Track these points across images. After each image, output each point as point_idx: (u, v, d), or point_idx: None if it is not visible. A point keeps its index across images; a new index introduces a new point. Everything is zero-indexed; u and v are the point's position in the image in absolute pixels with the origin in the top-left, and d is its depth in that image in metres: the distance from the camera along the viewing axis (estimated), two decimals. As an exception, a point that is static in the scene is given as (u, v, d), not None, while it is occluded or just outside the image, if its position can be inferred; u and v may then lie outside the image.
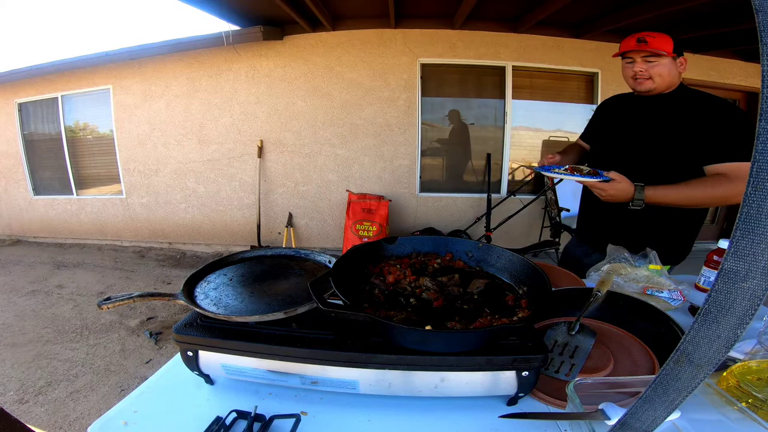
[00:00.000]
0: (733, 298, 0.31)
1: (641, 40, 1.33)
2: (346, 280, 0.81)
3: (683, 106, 1.37)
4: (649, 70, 1.35)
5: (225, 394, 0.78)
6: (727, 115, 1.28)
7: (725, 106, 1.31)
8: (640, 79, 1.37)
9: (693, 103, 1.36)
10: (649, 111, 1.43)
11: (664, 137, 1.37)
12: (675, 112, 1.37)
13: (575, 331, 0.88)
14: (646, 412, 0.39)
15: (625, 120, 1.51)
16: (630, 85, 1.45)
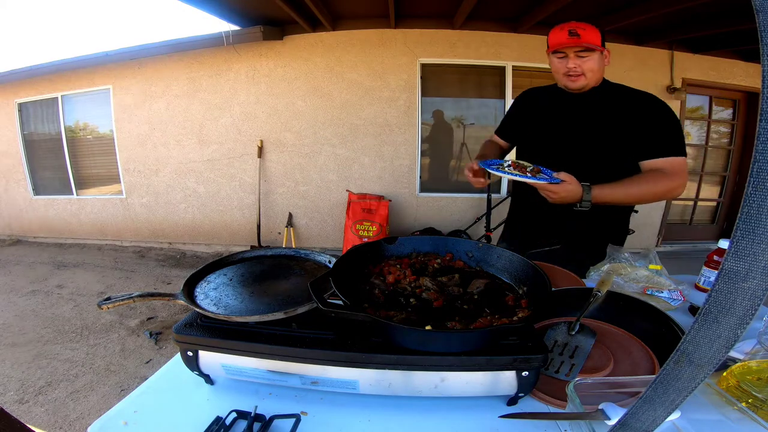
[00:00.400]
0: (734, 298, 0.31)
1: (573, 32, 1.26)
2: (346, 280, 0.81)
3: (611, 101, 1.35)
4: (582, 65, 1.30)
5: (225, 394, 0.78)
6: (658, 111, 1.31)
7: (654, 101, 1.33)
8: (573, 75, 1.32)
9: (621, 98, 1.36)
10: (577, 107, 1.39)
11: (595, 133, 1.35)
12: (604, 108, 1.35)
13: (575, 331, 0.88)
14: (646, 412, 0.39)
15: (553, 116, 1.45)
16: (561, 82, 1.39)
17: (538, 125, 1.48)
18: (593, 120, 1.36)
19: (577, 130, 1.38)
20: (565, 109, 1.41)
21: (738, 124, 5.15)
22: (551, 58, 1.36)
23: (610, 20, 3.99)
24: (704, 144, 5.21)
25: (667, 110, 1.31)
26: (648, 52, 4.65)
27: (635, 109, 1.32)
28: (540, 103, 1.51)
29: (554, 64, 1.36)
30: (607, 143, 1.34)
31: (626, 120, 1.32)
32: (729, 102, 5.11)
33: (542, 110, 1.48)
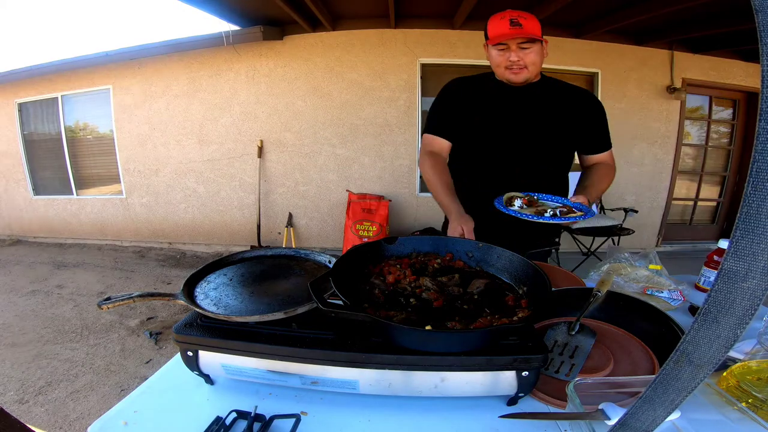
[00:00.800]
0: (733, 298, 0.31)
1: (515, 22, 1.19)
2: (346, 280, 0.81)
3: (552, 95, 1.34)
4: (525, 58, 1.24)
5: (225, 394, 0.78)
6: (598, 108, 1.38)
7: (593, 98, 1.39)
8: (516, 68, 1.26)
9: (561, 93, 1.36)
10: (521, 100, 1.34)
11: (541, 128, 1.34)
12: (547, 102, 1.34)
13: (575, 331, 0.88)
14: (646, 412, 0.39)
15: (496, 110, 1.36)
16: (501, 75, 1.31)
17: (480, 120, 1.37)
18: (538, 114, 1.34)
19: (523, 125, 1.34)
20: (509, 102, 1.35)
21: (738, 124, 5.15)
22: (490, 51, 1.29)
23: (610, 20, 3.99)
24: (704, 144, 5.22)
25: (602, 107, 1.39)
26: (648, 52, 4.65)
27: (577, 105, 1.36)
28: (476, 96, 1.39)
29: (494, 57, 1.29)
30: (552, 137, 1.35)
31: (568, 115, 1.34)
32: (729, 102, 5.11)
33: (482, 104, 1.37)
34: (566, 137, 1.36)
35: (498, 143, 1.35)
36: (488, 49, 1.30)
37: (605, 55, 4.63)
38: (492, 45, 1.25)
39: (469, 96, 1.39)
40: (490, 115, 1.36)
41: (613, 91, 4.72)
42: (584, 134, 1.37)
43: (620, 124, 4.80)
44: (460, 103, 1.40)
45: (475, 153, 1.40)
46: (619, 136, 4.81)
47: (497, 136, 1.35)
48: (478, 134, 1.38)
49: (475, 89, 1.39)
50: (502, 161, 1.35)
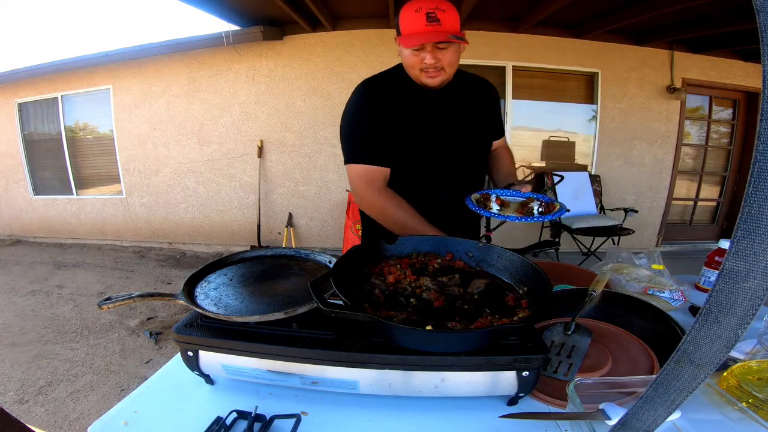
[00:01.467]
0: (734, 298, 0.31)
1: (433, 17, 1.01)
2: (346, 280, 0.81)
3: (463, 89, 1.27)
4: (443, 59, 1.08)
5: (225, 394, 0.78)
6: (495, 94, 1.37)
7: (490, 85, 1.37)
8: (433, 72, 1.10)
9: (468, 84, 1.30)
10: (439, 102, 1.23)
11: (464, 126, 1.28)
12: (461, 98, 1.26)
13: (571, 331, 0.88)
14: (647, 412, 0.39)
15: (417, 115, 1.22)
16: (415, 77, 1.15)
17: (403, 128, 1.21)
18: (459, 113, 1.26)
19: (447, 127, 1.25)
20: (429, 106, 1.22)
21: (738, 124, 5.15)
22: (403, 49, 1.10)
23: (610, 20, 3.99)
24: (704, 144, 5.22)
25: (498, 94, 1.39)
26: (648, 52, 4.65)
27: (482, 94, 1.33)
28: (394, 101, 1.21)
29: (407, 57, 1.11)
30: (475, 133, 1.31)
31: (479, 106, 1.31)
32: (729, 102, 5.11)
33: (402, 109, 1.20)
34: (482, 129, 1.34)
35: (421, 148, 1.23)
36: (400, 47, 1.11)
37: (605, 55, 4.62)
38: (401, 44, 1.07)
39: (388, 102, 1.21)
40: (407, 120, 1.21)
41: (613, 91, 4.72)
42: (484, 124, 1.34)
43: (620, 124, 4.80)
44: (380, 112, 1.20)
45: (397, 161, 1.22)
46: (619, 136, 4.83)
47: (419, 141, 1.23)
48: (403, 143, 1.22)
49: (392, 93, 1.21)
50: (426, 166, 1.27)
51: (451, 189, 1.29)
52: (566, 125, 4.94)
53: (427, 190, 1.27)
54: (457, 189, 1.29)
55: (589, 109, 4.83)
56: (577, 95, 4.82)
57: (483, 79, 1.36)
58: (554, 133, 4.99)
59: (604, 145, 4.86)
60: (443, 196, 1.29)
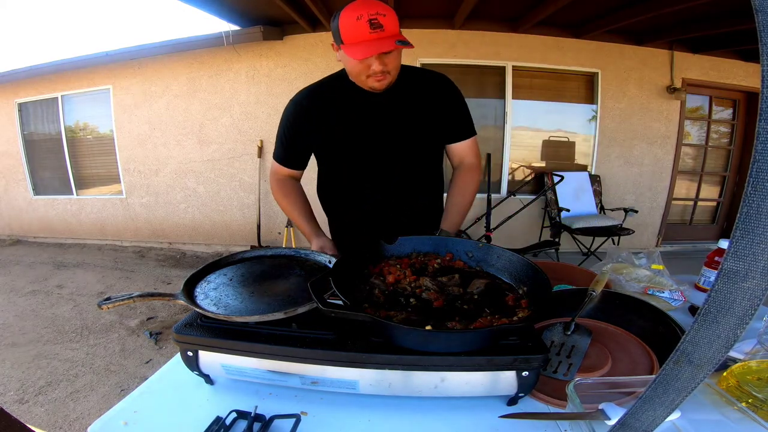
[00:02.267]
0: (733, 298, 0.31)
1: (376, 24, 0.98)
2: (346, 280, 0.81)
3: (410, 86, 1.22)
4: (388, 64, 1.07)
5: (225, 394, 0.78)
6: (454, 92, 1.28)
7: (449, 82, 1.28)
8: (380, 76, 1.08)
9: (417, 81, 1.24)
10: (383, 103, 1.20)
11: (408, 127, 1.23)
12: (407, 97, 1.21)
13: (571, 331, 0.88)
14: (646, 412, 0.39)
15: (359, 119, 1.22)
16: (361, 83, 1.14)
17: (345, 133, 1.23)
18: (404, 113, 1.22)
19: (392, 128, 1.22)
20: (372, 107, 1.20)
21: (738, 124, 5.15)
22: (345, 57, 1.08)
23: (610, 20, 3.99)
24: (704, 144, 5.22)
25: (458, 90, 1.29)
26: (648, 52, 4.65)
27: (434, 92, 1.25)
28: (333, 107, 1.23)
29: (351, 65, 1.09)
30: (423, 133, 1.26)
31: (431, 104, 1.24)
32: (729, 102, 5.11)
33: (342, 115, 1.21)
34: (435, 129, 1.27)
35: (370, 153, 1.22)
36: (341, 53, 1.08)
37: (605, 55, 4.62)
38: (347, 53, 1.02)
39: (325, 108, 1.22)
40: (354, 126, 1.22)
41: (613, 91, 4.72)
42: (445, 121, 1.27)
43: (620, 124, 4.80)
44: (313, 120, 1.23)
45: (348, 167, 1.27)
46: (619, 136, 4.83)
47: (368, 146, 1.22)
48: (346, 148, 1.24)
49: (329, 100, 1.23)
50: (377, 170, 1.26)
51: (404, 192, 1.29)
52: (566, 125, 4.94)
53: (379, 195, 1.29)
54: (410, 192, 1.30)
55: (589, 109, 4.83)
56: (577, 95, 4.82)
57: (439, 75, 1.28)
58: (554, 133, 4.99)
59: (604, 145, 4.86)
60: (395, 200, 1.30)
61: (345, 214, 1.43)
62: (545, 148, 5.02)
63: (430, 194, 1.39)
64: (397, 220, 1.31)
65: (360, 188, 1.32)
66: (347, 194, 1.37)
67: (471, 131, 1.32)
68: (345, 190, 1.37)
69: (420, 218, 1.35)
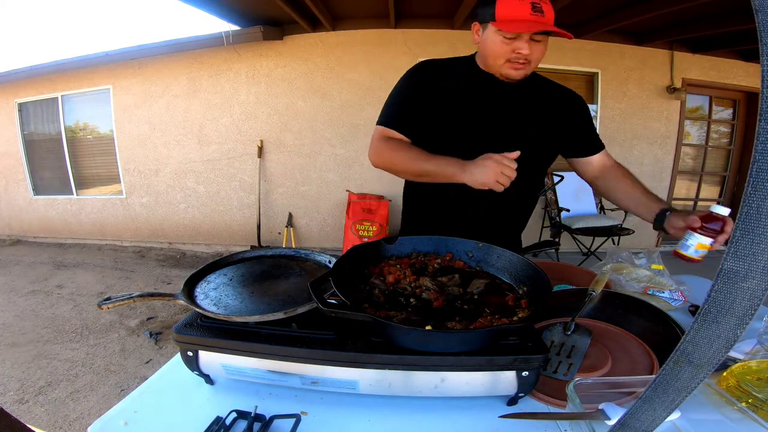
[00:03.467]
0: (733, 298, 0.31)
1: (538, 8, 0.98)
2: (346, 280, 0.81)
3: (540, 92, 1.20)
4: (534, 52, 1.05)
5: (225, 394, 0.78)
6: (584, 106, 1.27)
7: (578, 96, 1.27)
8: (519, 63, 1.06)
9: (547, 90, 1.23)
10: (508, 96, 1.15)
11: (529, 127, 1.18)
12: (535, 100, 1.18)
13: (571, 331, 0.88)
14: (646, 412, 0.39)
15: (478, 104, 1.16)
16: (497, 67, 1.09)
17: (459, 113, 1.16)
18: (526, 113, 1.18)
19: (510, 123, 1.17)
20: (496, 97, 1.15)
21: (738, 124, 5.15)
22: (491, 36, 1.04)
23: (610, 20, 3.99)
24: (704, 144, 5.22)
25: (587, 105, 1.29)
26: (648, 52, 4.65)
27: (563, 104, 1.23)
28: (455, 84, 1.17)
29: (495, 45, 1.05)
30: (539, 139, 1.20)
31: (556, 114, 1.20)
32: (729, 102, 5.11)
33: (462, 94, 1.15)
34: (553, 139, 1.23)
35: (478, 142, 1.12)
36: (486, 33, 1.06)
37: (605, 55, 4.62)
38: (503, 30, 1.00)
39: (445, 83, 1.17)
40: (470, 110, 1.16)
41: (613, 91, 4.72)
42: (573, 135, 1.25)
43: (620, 124, 4.80)
44: (431, 91, 1.17)
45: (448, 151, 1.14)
46: (619, 136, 4.83)
47: (478, 135, 1.16)
48: (454, 131, 1.16)
49: (454, 76, 1.18)
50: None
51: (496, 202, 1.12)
52: (566, 125, 4.94)
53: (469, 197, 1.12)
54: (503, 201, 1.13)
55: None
56: (577, 95, 4.82)
57: (569, 91, 1.26)
58: (554, 133, 4.98)
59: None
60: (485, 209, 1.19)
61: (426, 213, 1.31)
62: (545, 148, 5.02)
63: (519, 215, 1.32)
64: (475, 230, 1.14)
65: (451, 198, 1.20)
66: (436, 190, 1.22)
67: (601, 144, 1.28)
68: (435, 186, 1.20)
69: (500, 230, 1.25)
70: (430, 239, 1.04)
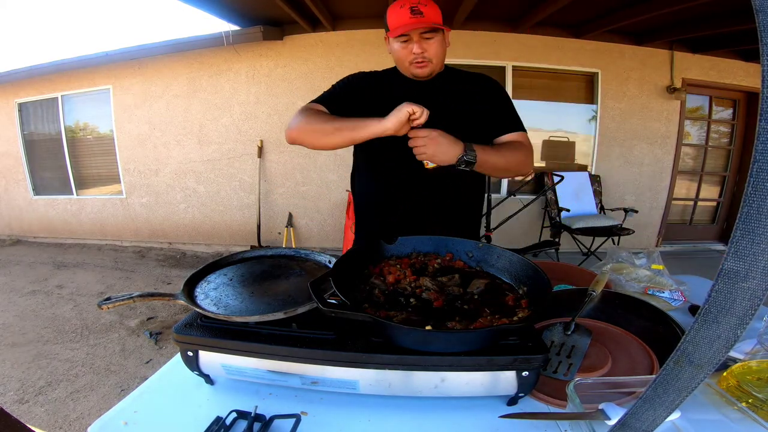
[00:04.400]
0: (733, 298, 0.31)
1: (416, 10, 1.11)
2: (346, 280, 0.81)
3: (455, 85, 1.27)
4: (429, 50, 1.17)
5: (225, 394, 0.78)
6: (499, 91, 1.32)
7: (493, 81, 1.33)
8: (420, 62, 1.18)
9: (462, 81, 1.30)
10: (428, 94, 1.23)
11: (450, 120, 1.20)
12: (452, 93, 1.25)
13: (571, 331, 0.88)
14: (646, 412, 0.39)
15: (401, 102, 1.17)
16: (406, 70, 1.24)
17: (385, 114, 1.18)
18: (447, 107, 1.24)
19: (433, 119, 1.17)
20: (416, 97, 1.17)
21: (738, 124, 5.15)
22: (392, 44, 1.22)
23: (610, 20, 3.99)
24: (704, 144, 5.22)
25: (504, 90, 1.34)
26: (648, 52, 4.65)
27: (478, 91, 1.29)
28: (380, 91, 1.28)
29: (397, 51, 1.22)
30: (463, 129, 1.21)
31: (475, 103, 1.26)
32: (729, 102, 5.11)
33: (387, 99, 1.19)
34: (476, 127, 1.26)
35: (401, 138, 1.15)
36: (390, 43, 1.25)
37: (605, 55, 4.62)
38: (393, 37, 1.18)
39: (373, 90, 1.29)
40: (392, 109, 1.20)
41: (613, 91, 4.72)
42: (491, 119, 1.29)
43: (620, 124, 4.80)
44: (362, 96, 1.29)
45: (384, 155, 1.26)
46: (619, 136, 4.83)
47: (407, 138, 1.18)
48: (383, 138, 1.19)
49: (379, 84, 1.31)
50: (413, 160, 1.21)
51: (441, 193, 1.27)
52: (566, 125, 4.94)
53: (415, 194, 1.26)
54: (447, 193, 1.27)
55: (589, 109, 4.83)
56: (577, 95, 4.82)
57: (485, 77, 1.33)
58: (554, 133, 4.99)
59: (604, 145, 4.86)
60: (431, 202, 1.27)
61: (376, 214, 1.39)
62: (545, 148, 5.02)
63: (468, 202, 1.38)
64: (429, 224, 1.25)
65: (396, 184, 1.28)
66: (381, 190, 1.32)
67: (519, 126, 1.29)
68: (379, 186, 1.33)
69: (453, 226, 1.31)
70: (431, 239, 1.04)
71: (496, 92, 1.32)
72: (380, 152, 1.29)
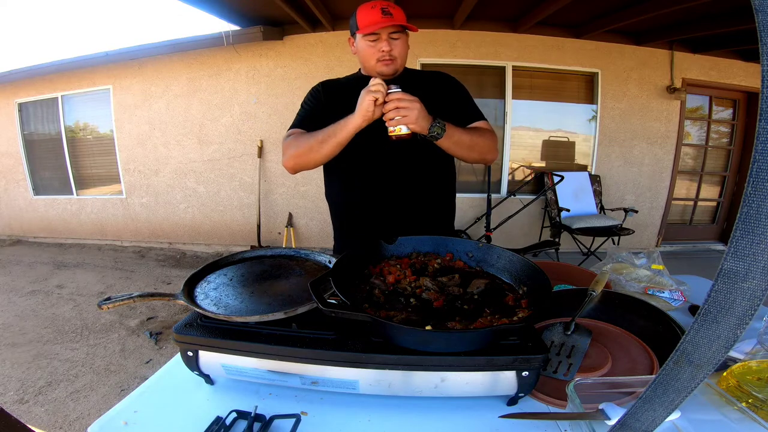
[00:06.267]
0: (733, 298, 0.31)
1: (386, 12, 1.20)
2: (346, 280, 0.81)
3: (417, 84, 1.27)
4: (395, 49, 1.25)
5: (225, 394, 0.78)
6: (457, 85, 1.40)
7: (450, 77, 1.41)
8: (388, 60, 1.24)
9: (422, 80, 1.38)
10: None
11: None
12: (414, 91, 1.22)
13: (571, 331, 0.88)
14: (646, 412, 0.39)
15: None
16: (371, 68, 1.28)
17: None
18: None
19: None
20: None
21: (738, 124, 5.15)
22: (361, 43, 1.27)
23: (610, 20, 3.99)
24: (704, 144, 5.22)
25: (460, 83, 1.41)
26: (648, 52, 4.65)
27: (437, 88, 1.36)
28: (345, 97, 1.27)
29: (364, 49, 1.27)
30: None
31: (434, 99, 1.27)
32: (729, 102, 5.11)
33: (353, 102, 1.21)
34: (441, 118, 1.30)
35: (368, 138, 1.21)
36: (356, 42, 1.30)
37: (605, 55, 4.62)
38: (362, 35, 1.25)
39: (338, 97, 1.34)
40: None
41: (613, 91, 4.72)
42: (454, 113, 1.32)
43: (620, 124, 4.80)
44: (328, 105, 1.34)
45: (354, 156, 1.28)
46: (619, 136, 4.83)
47: (367, 132, 1.21)
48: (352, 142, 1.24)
49: (344, 89, 1.36)
50: (384, 159, 1.30)
51: (413, 190, 1.33)
52: (566, 125, 4.94)
53: (388, 193, 1.32)
54: (419, 189, 1.34)
55: (589, 109, 4.83)
56: (577, 95, 4.82)
57: (438, 72, 1.42)
58: (554, 133, 4.99)
59: (604, 145, 4.86)
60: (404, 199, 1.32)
61: (352, 215, 1.42)
62: (545, 148, 5.02)
63: (441, 194, 1.43)
64: (405, 219, 1.33)
65: (368, 186, 1.33)
66: (355, 192, 1.37)
67: (479, 116, 1.35)
68: (353, 189, 1.37)
69: (429, 218, 1.38)
70: (431, 239, 1.04)
71: (454, 87, 1.40)
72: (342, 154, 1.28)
